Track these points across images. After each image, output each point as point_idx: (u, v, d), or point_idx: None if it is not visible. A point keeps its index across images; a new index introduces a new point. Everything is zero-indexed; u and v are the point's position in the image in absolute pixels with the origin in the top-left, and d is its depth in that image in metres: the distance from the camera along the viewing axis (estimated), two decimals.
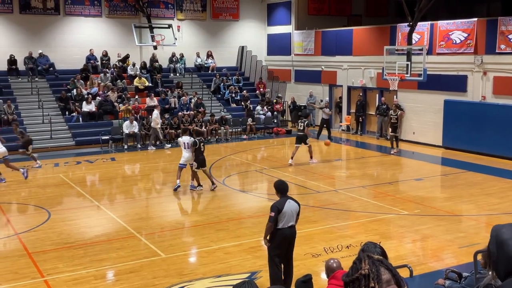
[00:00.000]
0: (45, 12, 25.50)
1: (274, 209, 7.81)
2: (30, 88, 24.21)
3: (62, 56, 25.90)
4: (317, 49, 27.27)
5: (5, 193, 14.85)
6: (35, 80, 24.63)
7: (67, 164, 19.01)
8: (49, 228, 11.63)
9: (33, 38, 25.33)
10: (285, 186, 8.16)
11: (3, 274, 9.08)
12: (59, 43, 25.92)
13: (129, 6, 27.03)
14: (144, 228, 11.63)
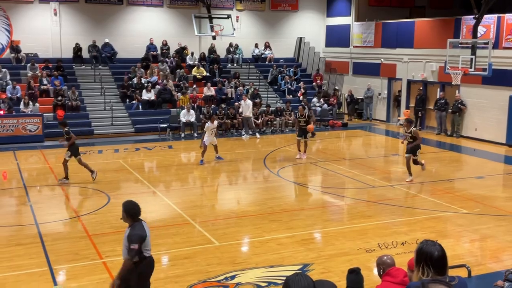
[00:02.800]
0: (109, 2, 26.21)
1: (137, 239, 6.31)
2: (93, 76, 25.00)
3: (124, 44, 26.57)
4: (377, 41, 26.81)
5: (69, 175, 15.40)
6: (98, 68, 25.40)
7: (127, 151, 19.55)
8: (108, 211, 12.01)
9: (97, 27, 26.09)
10: (137, 207, 6.58)
11: (64, 254, 9.44)
12: (122, 32, 26.60)
13: None
14: (198, 216, 11.82)
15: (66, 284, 8.26)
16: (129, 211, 6.55)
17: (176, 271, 8.76)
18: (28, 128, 20.59)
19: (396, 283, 5.16)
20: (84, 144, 19.99)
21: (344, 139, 23.45)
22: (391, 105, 26.58)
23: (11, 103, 21.47)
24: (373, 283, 5.98)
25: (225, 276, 8.51)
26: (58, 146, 19.79)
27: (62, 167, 14.70)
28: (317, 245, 10.21)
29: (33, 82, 22.98)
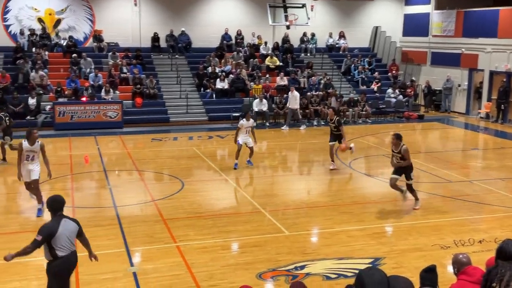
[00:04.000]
0: None
1: (44, 232, 6.21)
2: (170, 65, 25.62)
3: (200, 34, 27.02)
4: (457, 31, 25.79)
5: (144, 162, 15.91)
6: (175, 57, 25.99)
7: (200, 138, 19.93)
8: (182, 197, 12.31)
9: (175, 17, 26.68)
10: (57, 202, 6.49)
11: (140, 237, 9.77)
12: (198, 22, 27.05)
13: None
14: (268, 205, 11.87)
15: (142, 266, 8.52)
16: (50, 205, 6.48)
17: (246, 258, 8.85)
18: (109, 115, 21.43)
19: (472, 282, 4.97)
20: (160, 131, 20.61)
21: (419, 131, 22.77)
22: (471, 97, 25.52)
23: (93, 90, 22.41)
24: (448, 281, 5.80)
25: (294, 265, 8.52)
26: (137, 132, 20.55)
27: (140, 153, 15.15)
28: (389, 239, 10.01)
29: (113, 70, 23.85)
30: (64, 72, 23.45)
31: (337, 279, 8.07)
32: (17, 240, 9.46)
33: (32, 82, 22.27)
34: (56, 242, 6.23)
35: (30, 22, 24.91)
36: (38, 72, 22.59)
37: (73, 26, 25.57)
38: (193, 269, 8.29)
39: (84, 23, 25.72)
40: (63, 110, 21.03)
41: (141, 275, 8.09)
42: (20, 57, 23.26)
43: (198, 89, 24.52)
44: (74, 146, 18.12)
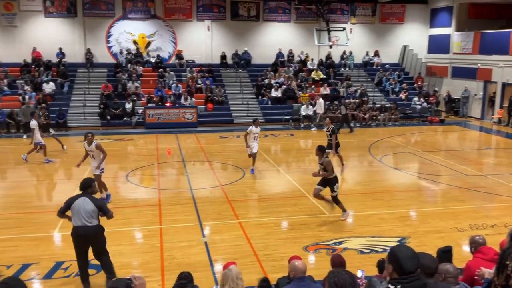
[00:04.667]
0: (248, 19, 26.81)
1: (65, 202, 6.51)
2: (234, 77, 25.77)
3: (259, 53, 27.03)
4: (474, 49, 24.62)
5: (214, 154, 16.10)
6: (239, 71, 26.14)
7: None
8: (243, 183, 12.38)
9: (239, 39, 26.81)
10: (84, 183, 6.65)
11: (210, 214, 9.90)
12: (257, 43, 27.08)
13: (312, 13, 27.14)
14: (312, 191, 11.74)
15: (211, 237, 8.64)
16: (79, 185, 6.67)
17: (294, 234, 8.82)
18: (186, 117, 21.82)
19: (486, 260, 4.76)
20: (226, 130, 20.80)
21: (440, 133, 21.94)
22: (486, 105, 24.37)
23: (175, 97, 22.88)
24: (464, 258, 5.57)
25: (334, 241, 8.42)
26: (208, 131, 20.82)
27: (210, 148, 15.31)
28: (414, 222, 9.71)
29: (190, 82, 24.24)
30: (153, 83, 24.04)
31: (369, 253, 7.92)
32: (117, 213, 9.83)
33: (128, 91, 22.96)
34: (72, 212, 6.44)
35: (127, 44, 25.67)
36: (133, 83, 23.27)
37: (160, 47, 26.16)
38: (252, 241, 8.34)
39: (168, 45, 26.27)
40: (152, 113, 21.58)
41: (211, 244, 8.20)
42: (119, 71, 24.03)
43: (256, 97, 24.57)
44: (160, 141, 18.57)
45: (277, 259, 7.56)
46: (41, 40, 24.28)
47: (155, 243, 8.26)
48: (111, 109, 21.71)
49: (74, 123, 21.23)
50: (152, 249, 8.00)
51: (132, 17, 25.41)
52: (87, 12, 24.85)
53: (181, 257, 7.68)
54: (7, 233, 8.68)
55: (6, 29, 24.04)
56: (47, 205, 10.55)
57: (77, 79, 23.89)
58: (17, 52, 23.79)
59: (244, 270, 4.57)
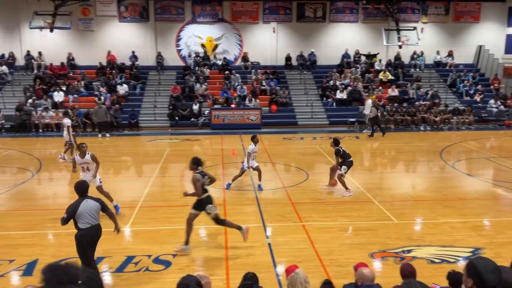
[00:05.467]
0: (315, 20, 26.64)
1: (68, 210, 6.41)
2: (299, 79, 25.72)
3: (324, 54, 26.79)
4: None
5: (277, 156, 16.11)
6: (303, 73, 26.04)
7: (322, 139, 19.75)
8: (307, 186, 12.28)
9: (304, 40, 26.71)
10: (81, 187, 6.59)
11: (274, 215, 9.91)
12: (323, 44, 26.84)
13: (381, 13, 26.45)
14: (378, 196, 11.42)
15: (275, 238, 8.63)
16: (76, 188, 6.61)
17: (360, 239, 8.61)
18: (251, 118, 22.07)
19: None
20: (290, 132, 20.77)
21: None
22: None
23: (240, 99, 23.21)
24: None
25: (402, 249, 8.12)
26: (272, 132, 20.90)
27: (274, 149, 15.35)
28: (489, 232, 9.14)
29: (255, 83, 24.50)
30: (219, 85, 24.56)
31: (440, 263, 7.56)
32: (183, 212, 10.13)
33: (196, 92, 23.62)
34: (78, 217, 6.40)
35: (196, 47, 26.43)
36: (201, 85, 23.91)
37: (227, 50, 26.66)
38: (315, 245, 8.25)
39: (235, 47, 26.71)
40: (218, 114, 22.05)
41: (274, 246, 8.21)
42: (187, 73, 24.79)
43: (321, 99, 24.35)
44: (225, 142, 18.91)
45: (342, 264, 7.42)
46: (115, 44, 25.61)
47: (220, 242, 8.41)
48: (179, 110, 22.45)
49: (145, 123, 22.18)
50: (217, 248, 8.16)
51: (201, 21, 26.11)
52: (158, 16, 25.88)
53: (245, 257, 7.76)
54: None
55: (83, 34, 25.60)
56: (120, 201, 11.06)
57: (149, 81, 24.94)
58: (93, 55, 25.26)
59: (308, 274, 4.52)
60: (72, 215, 6.38)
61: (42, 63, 24.99)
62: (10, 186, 12.43)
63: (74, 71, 24.98)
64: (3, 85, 24.01)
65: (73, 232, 8.87)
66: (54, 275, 2.47)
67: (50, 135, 20.41)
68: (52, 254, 7.84)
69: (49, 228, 9.22)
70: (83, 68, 25.21)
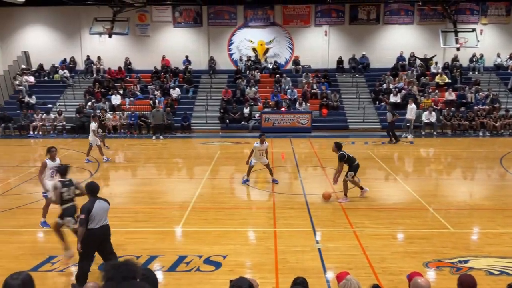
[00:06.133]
0: (368, 22, 26.19)
1: (84, 211, 6.44)
2: (351, 82, 25.35)
3: (377, 57, 26.27)
4: None
5: (327, 160, 15.93)
6: (355, 76, 25.64)
7: (374, 143, 19.36)
8: (358, 191, 11.86)
9: (356, 43, 26.32)
10: (94, 187, 6.67)
11: (324, 220, 9.80)
12: (376, 46, 26.34)
13: (438, 14, 25.61)
14: (433, 203, 11.02)
15: (325, 244, 8.53)
16: (87, 189, 6.70)
17: (413, 248, 8.33)
18: (301, 122, 21.98)
19: None
20: (341, 136, 20.49)
21: None
22: None
23: (290, 102, 23.19)
24: None
25: (458, 259, 7.78)
26: (322, 136, 20.70)
27: (324, 153, 15.17)
28: None
29: (306, 87, 24.39)
30: (269, 89, 24.66)
31: (499, 275, 7.18)
32: (233, 214, 10.24)
33: (246, 96, 23.85)
34: (91, 217, 6.51)
35: (247, 51, 26.70)
36: (251, 89, 24.11)
37: (278, 53, 26.75)
38: (367, 252, 8.08)
39: (285, 51, 26.75)
40: (268, 118, 22.13)
41: (324, 252, 8.11)
42: (238, 77, 25.08)
43: (373, 102, 23.86)
44: (275, 146, 18.93)
45: (395, 273, 7.22)
46: (170, 49, 26.36)
47: (270, 245, 8.42)
48: (230, 113, 22.74)
49: (197, 126, 22.64)
50: (267, 251, 8.17)
51: (252, 25, 26.35)
52: (211, 21, 26.38)
53: (295, 261, 7.72)
54: (137, 226, 9.53)
55: (140, 39, 26.54)
56: (172, 201, 11.37)
57: (201, 85, 25.46)
58: (149, 59, 26.13)
59: (359, 281, 4.43)
60: (88, 215, 6.53)
61: (101, 68, 26.14)
62: None
63: (130, 75, 25.94)
64: (65, 88, 25.31)
65: (128, 231, 9.21)
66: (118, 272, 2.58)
67: (108, 137, 21.27)
68: None
69: None
70: (139, 72, 26.14)
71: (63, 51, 26.71)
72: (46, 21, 26.61)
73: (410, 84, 23.93)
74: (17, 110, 23.34)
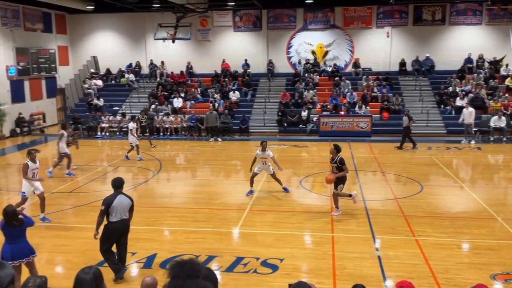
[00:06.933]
0: (433, 23, 25.26)
1: (105, 202, 6.95)
2: (414, 85, 24.53)
3: (443, 58, 25.25)
4: None
5: (388, 165, 15.52)
6: (419, 78, 24.79)
7: (438, 149, 18.61)
8: (421, 198, 11.64)
9: (420, 44, 25.45)
10: (118, 182, 7.16)
11: (384, 227, 9.55)
12: (442, 47, 25.34)
13: (508, 14, 24.22)
14: (503, 213, 10.42)
15: (385, 251, 8.31)
16: (112, 183, 7.18)
17: (480, 259, 7.93)
18: (360, 126, 21.55)
19: None
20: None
21: None
22: None
23: (349, 106, 22.82)
24: None
25: None
26: (383, 141, 20.19)
27: (384, 158, 14.76)
28: None
29: (366, 90, 23.90)
30: (328, 92, 24.40)
31: None
32: (290, 217, 10.22)
33: (304, 99, 23.75)
34: (111, 210, 6.93)
35: (306, 54, 26.59)
36: (309, 92, 23.98)
37: (337, 56, 26.42)
38: (430, 262, 7.78)
39: (345, 53, 26.37)
40: (326, 121, 21.91)
41: (384, 259, 7.91)
42: (297, 80, 25.04)
43: (438, 106, 22.92)
44: None
45: (459, 284, 6.90)
46: (229, 53, 26.81)
47: (327, 251, 8.32)
48: (288, 116, 22.74)
49: (255, 129, 22.83)
50: (324, 256, 8.08)
51: (312, 27, 26.23)
52: (270, 25, 26.56)
53: (353, 268, 7.58)
54: (196, 226, 9.76)
55: (201, 44, 27.21)
56: (230, 203, 11.54)
57: (259, 88, 25.67)
58: (209, 63, 26.72)
59: None
60: (108, 207, 6.97)
61: (164, 72, 27.08)
62: (134, 184, 13.64)
63: (191, 79, 26.65)
64: (130, 91, 26.45)
65: (187, 231, 9.46)
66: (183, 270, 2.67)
67: (170, 138, 21.98)
68: (169, 250, 8.42)
69: (166, 225, 9.93)
70: (199, 76, 26.80)
71: (129, 56, 27.94)
72: (114, 28, 27.96)
73: (478, 87, 22.77)
74: (86, 112, 24.68)
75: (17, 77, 23.55)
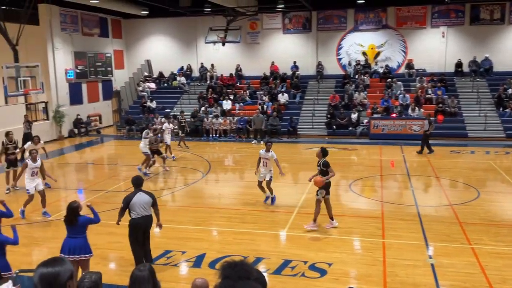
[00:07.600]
0: (491, 23, 24.15)
1: (124, 200, 7.35)
2: (471, 87, 23.55)
3: (502, 59, 24.08)
4: None
5: (442, 170, 14.98)
6: (476, 80, 23.77)
7: (497, 153, 17.77)
8: (477, 204, 11.16)
9: (478, 45, 24.39)
10: (137, 181, 7.48)
11: (438, 234, 9.22)
12: (501, 48, 24.16)
13: None
14: None
15: (439, 259, 8.03)
16: (132, 182, 7.51)
17: None
18: (413, 129, 20.93)
19: None
20: (458, 144, 19.18)
21: None
22: None
23: (402, 108, 22.22)
24: None
25: None
26: (438, 145, 19.51)
27: (439, 163, 14.30)
28: None
29: (420, 92, 23.19)
30: (379, 94, 23.88)
31: None
32: (340, 221, 10.08)
33: (354, 101, 23.37)
34: (132, 207, 7.26)
35: (356, 55, 26.16)
36: (360, 94, 23.57)
37: (389, 57, 25.80)
38: (486, 271, 7.43)
39: (398, 54, 25.71)
40: (377, 124, 21.45)
41: (438, 267, 7.64)
42: (346, 82, 24.68)
43: (497, 109, 21.87)
44: (384, 153, 18.30)
45: None
46: (278, 55, 26.85)
47: (378, 257, 8.14)
48: (337, 118, 22.46)
49: (303, 131, 22.72)
50: (374, 262, 7.91)
51: (363, 28, 25.78)
52: (320, 26, 26.35)
53: (405, 275, 7.37)
54: (244, 227, 9.84)
55: (250, 46, 27.42)
56: (278, 205, 11.53)
57: (308, 90, 25.52)
58: (258, 66, 26.87)
59: None
60: (127, 205, 7.29)
61: (214, 74, 27.51)
62: (185, 184, 13.94)
63: (240, 81, 26.91)
64: (181, 94, 27.07)
65: (236, 231, 9.56)
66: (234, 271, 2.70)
67: (219, 140, 22.30)
68: (217, 250, 8.54)
69: (215, 226, 10.08)
70: (248, 78, 27.01)
71: (180, 59, 28.61)
72: (166, 32, 28.74)
73: None
74: (139, 114, 25.50)
75: (76, 80, 24.73)
